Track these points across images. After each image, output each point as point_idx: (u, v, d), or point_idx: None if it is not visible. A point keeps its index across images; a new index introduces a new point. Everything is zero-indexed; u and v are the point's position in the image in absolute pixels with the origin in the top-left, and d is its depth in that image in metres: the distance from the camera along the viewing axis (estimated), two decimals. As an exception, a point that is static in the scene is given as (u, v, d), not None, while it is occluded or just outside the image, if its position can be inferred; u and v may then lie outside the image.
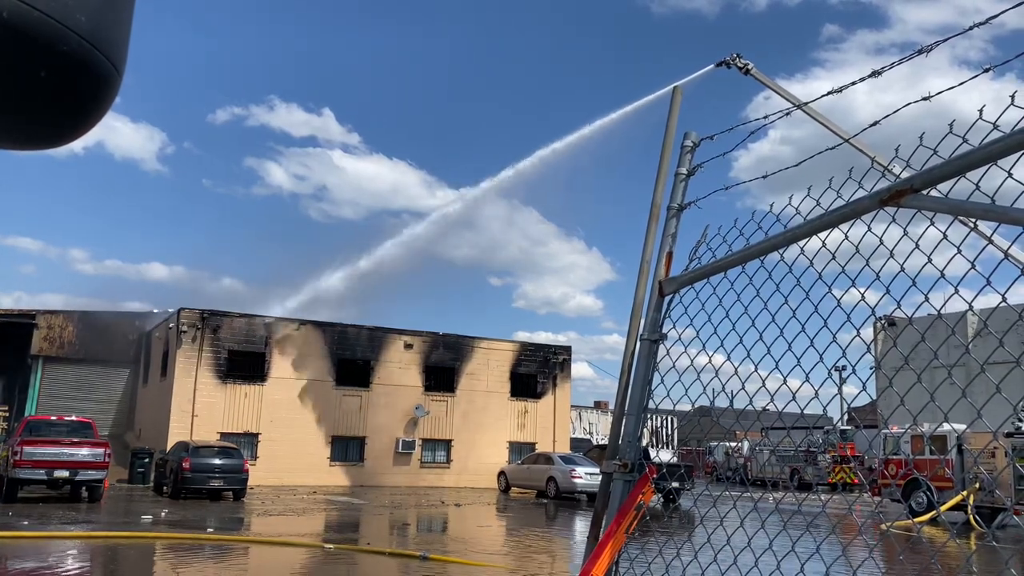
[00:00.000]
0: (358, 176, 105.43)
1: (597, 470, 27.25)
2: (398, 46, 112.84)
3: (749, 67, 20.05)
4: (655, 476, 3.48)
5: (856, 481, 36.08)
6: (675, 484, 23.34)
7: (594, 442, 47.46)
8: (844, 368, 3.41)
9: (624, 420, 3.67)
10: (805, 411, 3.31)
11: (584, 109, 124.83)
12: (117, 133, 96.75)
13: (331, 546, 15.06)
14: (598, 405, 57.74)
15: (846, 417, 41.05)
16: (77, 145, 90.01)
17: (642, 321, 3.78)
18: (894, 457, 24.90)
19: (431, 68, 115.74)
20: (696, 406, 3.87)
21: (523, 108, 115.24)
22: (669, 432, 59.50)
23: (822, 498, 3.79)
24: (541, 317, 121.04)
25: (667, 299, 3.76)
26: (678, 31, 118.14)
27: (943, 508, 19.77)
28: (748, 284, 3.45)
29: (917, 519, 19.64)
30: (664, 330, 3.73)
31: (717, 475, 46.16)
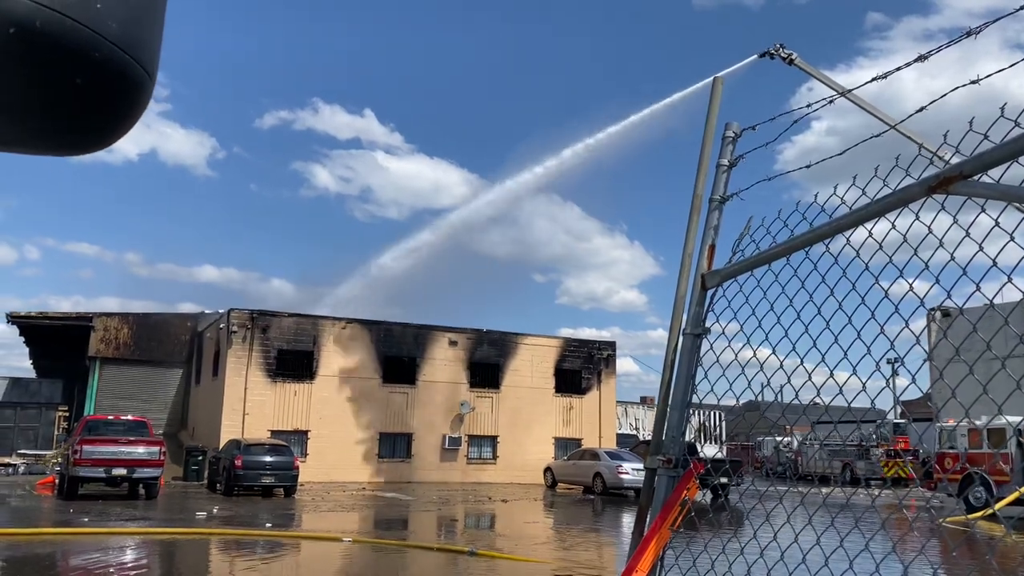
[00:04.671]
0: (401, 176, 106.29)
1: (644, 466, 27.00)
2: (436, 44, 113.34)
3: (793, 57, 19.72)
4: (700, 472, 3.44)
5: (911, 476, 35.28)
6: (723, 480, 23.11)
7: (640, 438, 47.15)
8: (896, 360, 3.32)
9: (668, 415, 3.63)
10: (854, 404, 3.24)
11: (626, 103, 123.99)
12: (169, 139, 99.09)
13: (349, 539, 15.22)
14: (644, 400, 57.31)
15: (899, 410, 40.17)
16: (132, 152, 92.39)
17: (685, 315, 3.74)
18: (950, 451, 24.28)
19: (470, 65, 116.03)
20: (745, 401, 3.80)
21: (565, 104, 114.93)
22: (716, 426, 58.84)
23: (873, 493, 3.72)
24: (585, 313, 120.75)
25: (710, 293, 3.72)
26: (721, 23, 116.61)
27: (999, 505, 19.21)
28: (792, 276, 3.38)
29: (972, 515, 19.12)
30: (707, 324, 3.69)
31: (767, 470, 45.49)
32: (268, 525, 17.45)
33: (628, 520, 21.29)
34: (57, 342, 44.30)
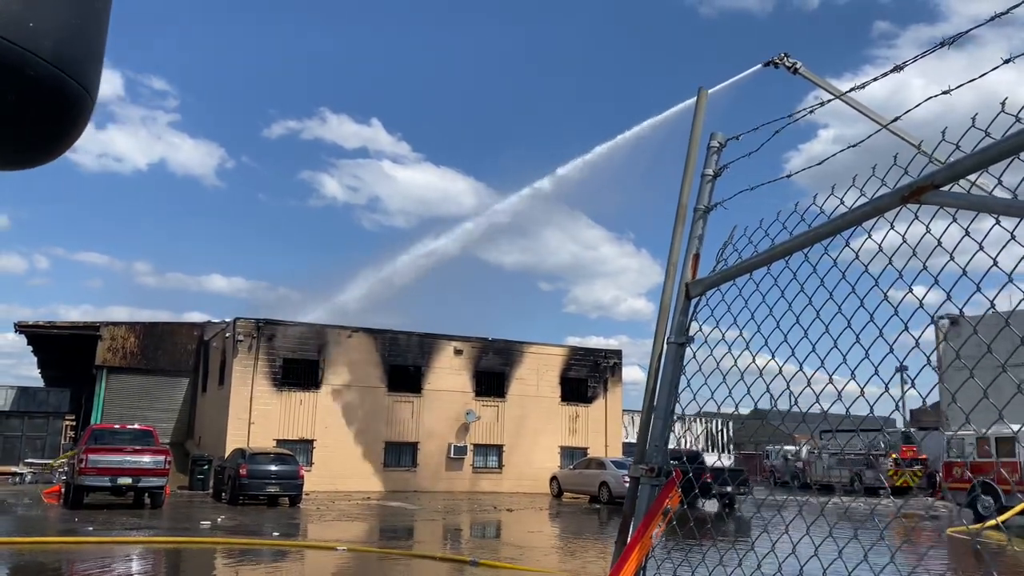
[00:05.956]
0: (408, 185, 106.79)
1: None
2: (442, 54, 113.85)
3: (797, 66, 19.70)
4: (682, 480, 3.45)
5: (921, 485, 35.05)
6: (727, 488, 22.99)
7: (647, 446, 46.90)
8: (899, 369, 3.29)
9: (651, 424, 3.64)
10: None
11: (632, 112, 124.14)
12: (178, 150, 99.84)
13: (343, 547, 15.20)
14: (651, 409, 57.13)
15: (909, 418, 39.88)
16: (141, 162, 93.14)
17: (669, 324, 3.75)
18: (958, 460, 24.11)
19: (477, 74, 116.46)
20: (739, 409, 3.78)
21: (570, 112, 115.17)
22: (714, 432, 58.62)
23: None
24: (592, 321, 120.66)
25: (694, 302, 3.73)
26: (727, 32, 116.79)
27: (1006, 516, 19.05)
28: (773, 285, 3.40)
29: (977, 525, 18.99)
30: (691, 333, 3.70)
31: (775, 480, 45.24)
32: (276, 534, 17.46)
33: (633, 529, 21.18)
34: (64, 351, 44.53)
